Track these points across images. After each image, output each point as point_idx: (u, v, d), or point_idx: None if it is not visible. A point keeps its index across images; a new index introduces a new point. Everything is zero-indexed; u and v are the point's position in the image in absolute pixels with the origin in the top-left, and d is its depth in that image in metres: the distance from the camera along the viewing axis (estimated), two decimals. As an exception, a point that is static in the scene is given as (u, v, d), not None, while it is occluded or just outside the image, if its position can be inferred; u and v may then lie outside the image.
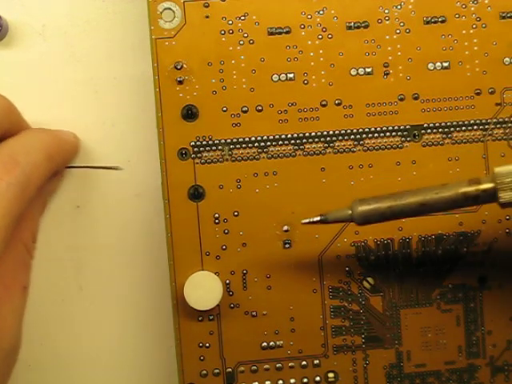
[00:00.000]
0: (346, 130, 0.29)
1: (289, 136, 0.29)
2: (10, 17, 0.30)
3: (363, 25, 0.29)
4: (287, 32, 0.29)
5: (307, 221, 0.27)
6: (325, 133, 0.29)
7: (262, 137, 0.29)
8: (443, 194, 0.25)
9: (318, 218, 0.27)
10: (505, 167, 0.25)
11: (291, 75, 0.29)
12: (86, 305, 0.31)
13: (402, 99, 0.29)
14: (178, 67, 0.29)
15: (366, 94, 0.29)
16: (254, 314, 0.29)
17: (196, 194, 0.29)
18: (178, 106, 0.29)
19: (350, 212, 0.26)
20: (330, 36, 0.29)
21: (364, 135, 0.29)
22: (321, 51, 0.29)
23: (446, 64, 0.29)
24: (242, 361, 0.29)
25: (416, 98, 0.29)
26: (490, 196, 0.25)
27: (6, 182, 0.25)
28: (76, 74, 0.31)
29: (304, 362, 0.29)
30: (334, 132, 0.29)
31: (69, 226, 0.31)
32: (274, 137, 0.29)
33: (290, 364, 0.29)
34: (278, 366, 0.29)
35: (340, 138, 0.29)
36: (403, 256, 0.29)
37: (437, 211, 0.26)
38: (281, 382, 0.29)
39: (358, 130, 0.29)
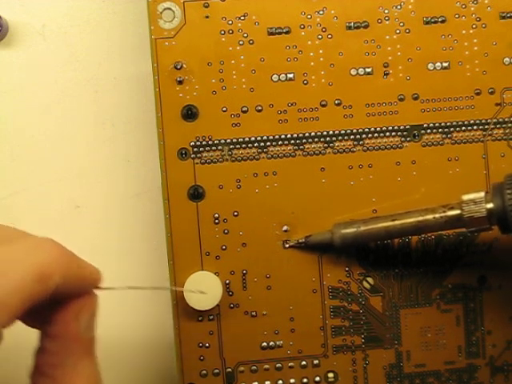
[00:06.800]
0: (345, 130, 0.29)
1: (289, 136, 0.29)
2: (9, 17, 0.30)
3: (363, 25, 0.29)
4: (287, 32, 0.29)
5: (292, 244, 0.29)
6: (325, 133, 0.29)
7: (261, 137, 0.29)
8: (417, 218, 0.27)
9: (303, 240, 0.29)
10: (472, 194, 0.26)
11: (291, 75, 0.29)
12: (86, 305, 0.31)
13: (401, 99, 0.29)
14: (178, 67, 0.29)
15: (365, 94, 0.29)
16: (254, 313, 0.29)
17: (196, 194, 0.29)
18: (177, 106, 0.29)
19: (331, 235, 0.28)
20: (329, 36, 0.29)
21: (364, 135, 0.29)
22: (321, 51, 0.29)
23: (445, 64, 0.29)
24: (242, 361, 0.29)
25: (416, 98, 0.29)
26: (456, 222, 0.27)
27: None
28: (76, 73, 0.31)
29: (304, 362, 0.29)
30: (333, 132, 0.29)
31: (69, 226, 0.31)
32: (273, 137, 0.29)
33: (289, 364, 0.29)
34: (277, 365, 0.29)
35: (340, 138, 0.29)
36: (403, 256, 0.29)
37: (412, 234, 0.28)
38: (280, 382, 0.29)
39: (357, 130, 0.29)
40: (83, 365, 0.23)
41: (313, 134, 0.29)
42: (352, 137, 0.29)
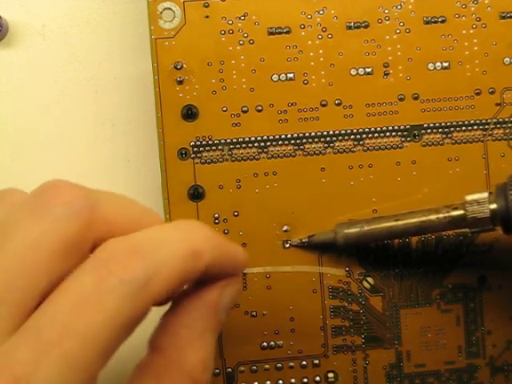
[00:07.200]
0: (345, 130, 0.29)
1: (289, 136, 0.29)
2: (9, 17, 0.30)
3: (363, 25, 0.29)
4: (287, 32, 0.29)
5: (294, 243, 0.29)
6: (325, 133, 0.29)
7: (262, 137, 0.29)
8: (420, 219, 0.27)
9: (306, 239, 0.29)
10: (475, 194, 0.26)
11: (291, 75, 0.29)
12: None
13: (401, 99, 0.29)
14: (178, 67, 0.29)
15: (365, 94, 0.29)
16: (254, 314, 0.29)
17: (196, 194, 0.29)
18: (177, 105, 0.29)
19: (334, 235, 0.28)
20: (329, 36, 0.29)
21: (364, 135, 0.29)
22: (321, 51, 0.29)
23: (445, 64, 0.29)
24: (242, 361, 0.29)
25: (416, 98, 0.29)
26: (459, 222, 0.27)
27: (119, 279, 0.20)
28: (76, 73, 0.31)
29: (304, 362, 0.29)
30: (333, 132, 0.29)
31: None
32: (274, 137, 0.29)
33: (289, 364, 0.29)
34: (278, 365, 0.29)
35: (340, 138, 0.29)
36: (403, 256, 0.29)
37: (415, 234, 0.28)
38: (281, 382, 0.29)
39: (357, 130, 0.29)
40: (206, 340, 0.22)
41: (313, 133, 0.29)
42: (352, 137, 0.29)
